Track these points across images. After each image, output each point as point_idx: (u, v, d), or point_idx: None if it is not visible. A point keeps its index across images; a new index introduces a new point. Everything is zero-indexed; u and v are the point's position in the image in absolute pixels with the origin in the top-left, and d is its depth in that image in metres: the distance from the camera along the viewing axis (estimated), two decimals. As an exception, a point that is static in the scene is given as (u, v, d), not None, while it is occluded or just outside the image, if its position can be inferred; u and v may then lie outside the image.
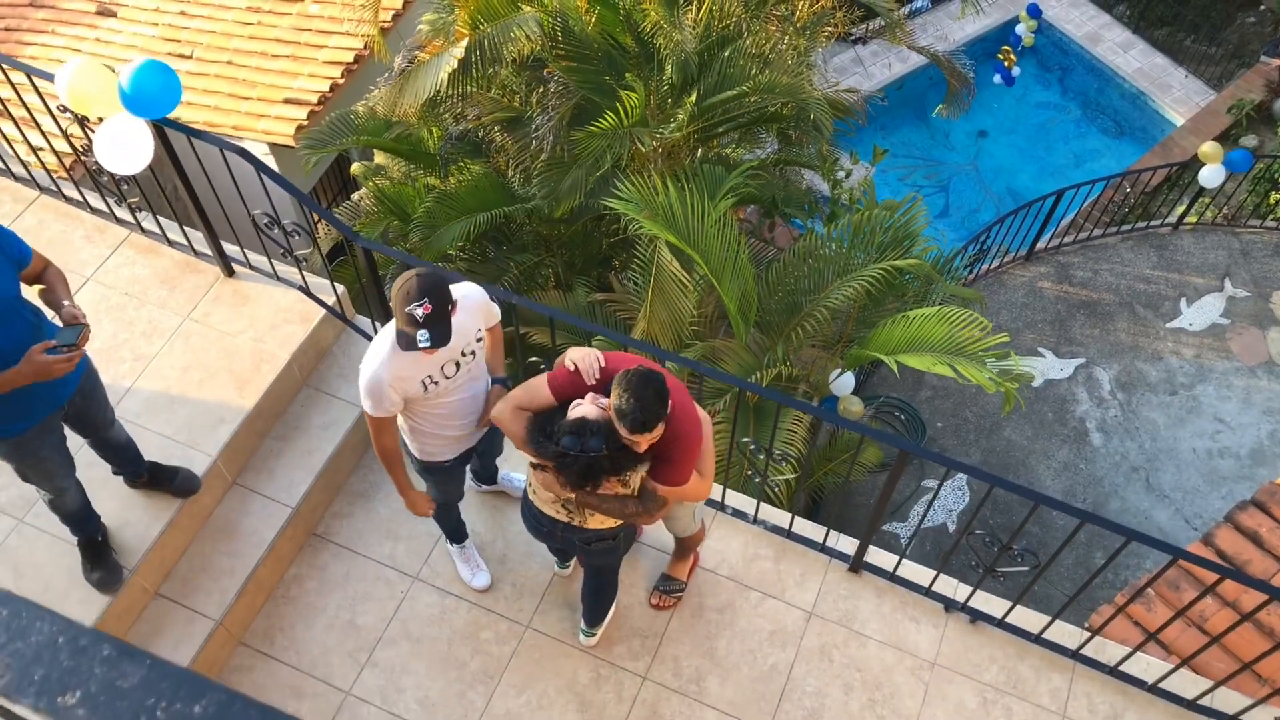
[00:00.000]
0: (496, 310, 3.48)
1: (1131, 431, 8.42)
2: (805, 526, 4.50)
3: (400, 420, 3.54)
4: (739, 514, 4.54)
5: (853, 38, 13.03)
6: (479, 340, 3.40)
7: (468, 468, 4.03)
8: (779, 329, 6.32)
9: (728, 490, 4.54)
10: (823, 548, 4.45)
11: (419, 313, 2.96)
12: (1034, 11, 12.32)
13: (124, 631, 3.91)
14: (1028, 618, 4.29)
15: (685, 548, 4.19)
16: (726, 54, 6.55)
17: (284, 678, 4.10)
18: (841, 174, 8.36)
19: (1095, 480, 8.22)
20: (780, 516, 4.55)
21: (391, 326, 3.18)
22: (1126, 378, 8.71)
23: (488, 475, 4.45)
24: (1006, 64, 12.21)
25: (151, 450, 4.09)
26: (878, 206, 6.75)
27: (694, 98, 6.44)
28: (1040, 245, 9.54)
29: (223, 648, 4.07)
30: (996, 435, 8.49)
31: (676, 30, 6.41)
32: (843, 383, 6.89)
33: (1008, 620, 4.23)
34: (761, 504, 4.52)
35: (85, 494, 3.77)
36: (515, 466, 4.54)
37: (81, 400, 3.55)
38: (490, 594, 4.32)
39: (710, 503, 4.55)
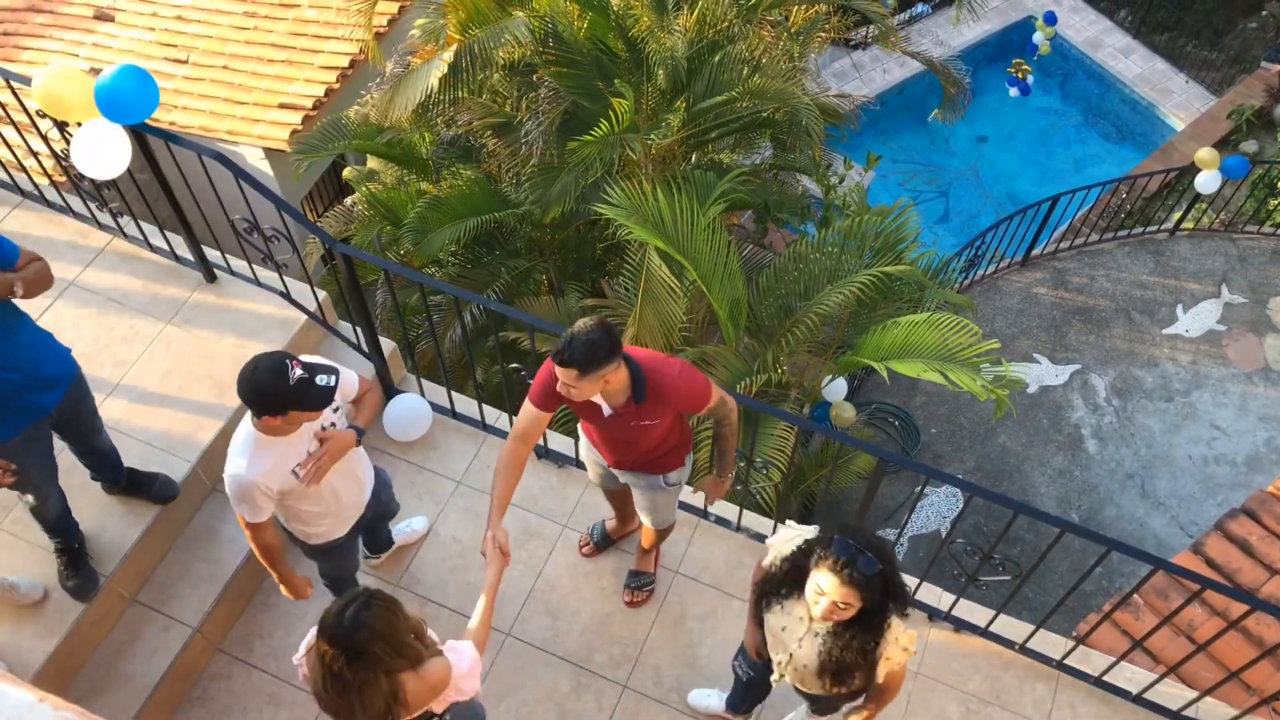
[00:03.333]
0: (354, 380, 3.25)
1: (1127, 438, 8.38)
2: (789, 534, 4.47)
3: (280, 512, 3.31)
4: (722, 521, 4.52)
5: (851, 43, 13.02)
6: (335, 410, 3.21)
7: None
8: (770, 334, 6.30)
9: (710, 497, 4.51)
10: (806, 556, 4.41)
11: (297, 372, 2.83)
12: (1050, 19, 12.27)
13: (100, 639, 3.89)
14: (1012, 627, 4.25)
15: (657, 538, 4.14)
16: (717, 59, 6.53)
17: (262, 685, 4.08)
18: (835, 179, 8.34)
19: (1090, 487, 8.17)
20: (764, 524, 4.52)
21: (244, 429, 3.03)
22: (1122, 384, 8.67)
23: (384, 540, 4.20)
24: (1019, 75, 12.14)
25: (131, 456, 4.07)
26: (869, 212, 6.73)
27: (685, 103, 6.43)
28: (1036, 251, 9.51)
29: (200, 654, 4.05)
30: (991, 442, 8.45)
31: (667, 35, 6.40)
32: (835, 388, 6.86)
33: (992, 629, 4.20)
34: (745, 511, 4.49)
35: (66, 501, 3.76)
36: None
37: (70, 407, 3.54)
38: (470, 601, 4.28)
39: (692, 510, 4.52)
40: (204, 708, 4.03)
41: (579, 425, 3.75)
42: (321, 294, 4.56)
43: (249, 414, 2.98)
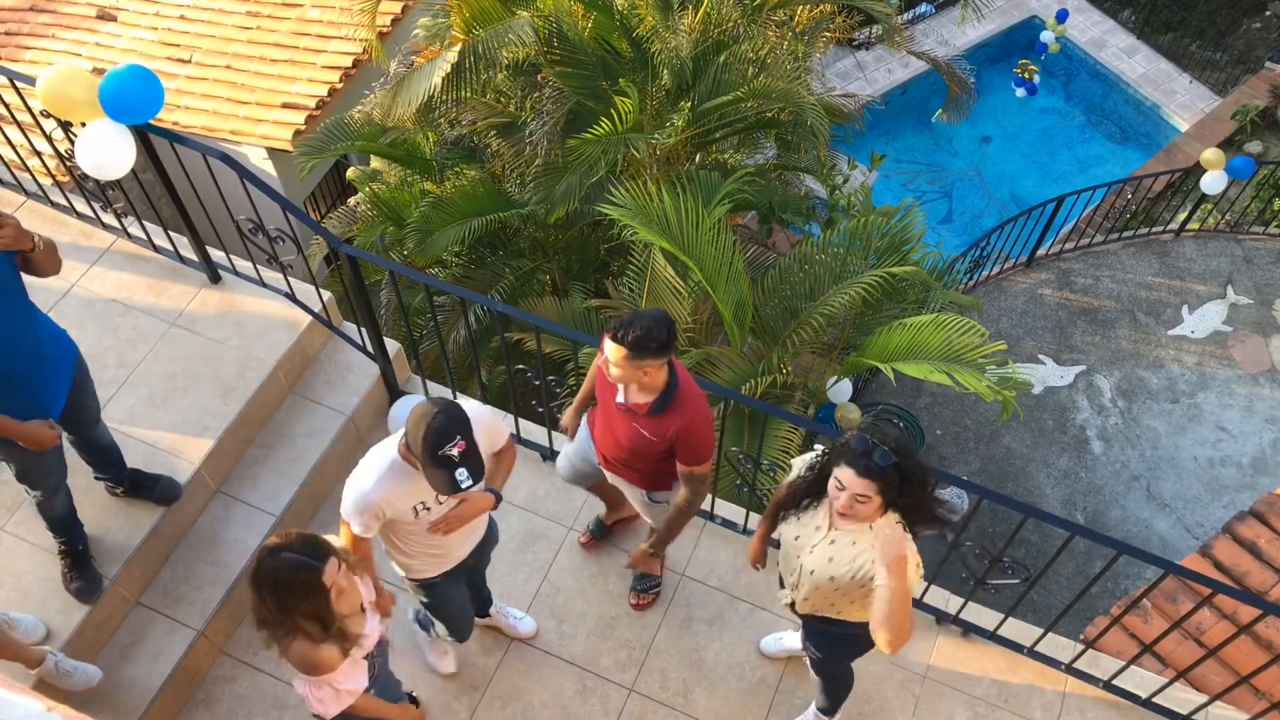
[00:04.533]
0: (505, 429, 3.22)
1: (1132, 439, 8.35)
2: (795, 537, 4.45)
3: (381, 535, 3.23)
4: (728, 524, 4.49)
5: (855, 43, 12.99)
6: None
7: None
8: (775, 335, 6.27)
9: (717, 500, 4.50)
10: (813, 558, 4.39)
11: (454, 452, 2.71)
12: (1062, 16, 12.24)
13: (104, 642, 3.87)
14: (1021, 630, 4.23)
15: (668, 541, 4.11)
16: (722, 59, 6.51)
17: (266, 688, 4.06)
18: (839, 179, 8.32)
19: (1096, 489, 8.15)
20: (770, 526, 4.50)
21: (387, 446, 2.97)
22: (1127, 385, 8.64)
23: (478, 603, 4.02)
24: (1025, 75, 12.12)
25: (135, 457, 4.06)
26: (874, 212, 6.70)
27: (689, 103, 6.41)
28: (1041, 252, 9.48)
29: (205, 657, 4.03)
30: (996, 443, 8.43)
31: (672, 35, 6.38)
32: (840, 389, 6.84)
33: (1000, 633, 4.17)
34: (751, 514, 4.47)
35: (71, 499, 3.75)
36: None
37: (76, 391, 3.53)
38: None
39: (699, 512, 4.50)
40: (208, 711, 4.01)
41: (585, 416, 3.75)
42: (326, 294, 4.54)
43: (400, 433, 2.91)
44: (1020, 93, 12.30)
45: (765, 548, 3.58)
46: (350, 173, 8.16)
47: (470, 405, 2.99)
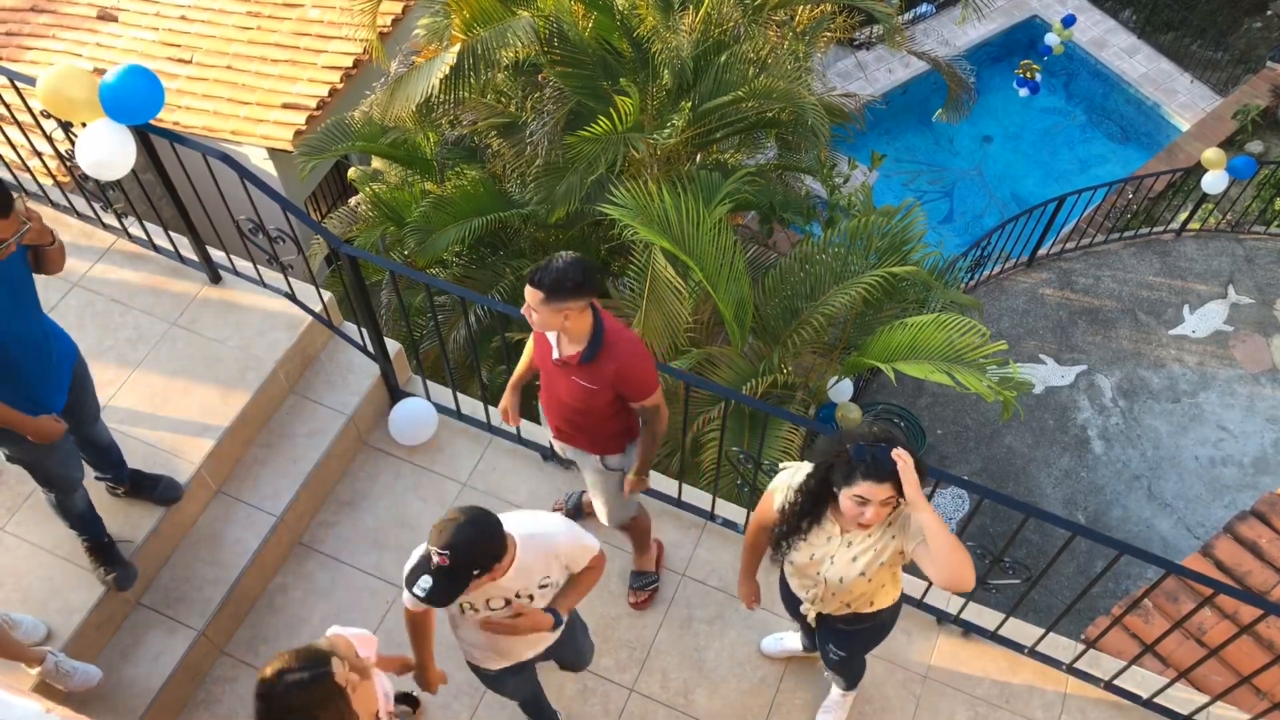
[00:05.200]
0: (591, 546, 2.99)
1: (1133, 439, 8.34)
2: (796, 537, 4.44)
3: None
4: (729, 524, 4.49)
5: (855, 43, 12.99)
6: (542, 587, 2.93)
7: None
8: (776, 335, 6.27)
9: (718, 500, 4.49)
10: (814, 558, 4.38)
11: (434, 559, 2.59)
12: (1069, 21, 12.23)
13: (105, 642, 3.87)
14: (1022, 630, 4.22)
15: (635, 537, 4.16)
16: (723, 59, 6.51)
17: (267, 688, 4.05)
18: (840, 179, 8.31)
19: (1097, 488, 8.14)
20: (771, 526, 4.49)
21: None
22: (1128, 385, 8.64)
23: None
24: (1028, 75, 12.11)
25: (136, 458, 4.05)
26: (875, 212, 6.70)
27: (690, 103, 6.40)
28: (1042, 251, 9.48)
29: (205, 658, 4.03)
30: (997, 443, 8.42)
31: (673, 35, 6.37)
32: (841, 389, 6.83)
33: (1001, 633, 4.17)
34: (751, 514, 4.46)
35: (89, 496, 3.75)
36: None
37: (76, 388, 3.54)
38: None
39: (699, 513, 4.50)
40: (209, 711, 4.01)
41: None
42: (327, 294, 4.54)
43: None
44: (1023, 93, 12.29)
45: (756, 585, 3.54)
46: (351, 173, 8.16)
47: (549, 524, 2.87)
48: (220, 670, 4.08)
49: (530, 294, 3.08)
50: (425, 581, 2.61)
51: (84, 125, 3.78)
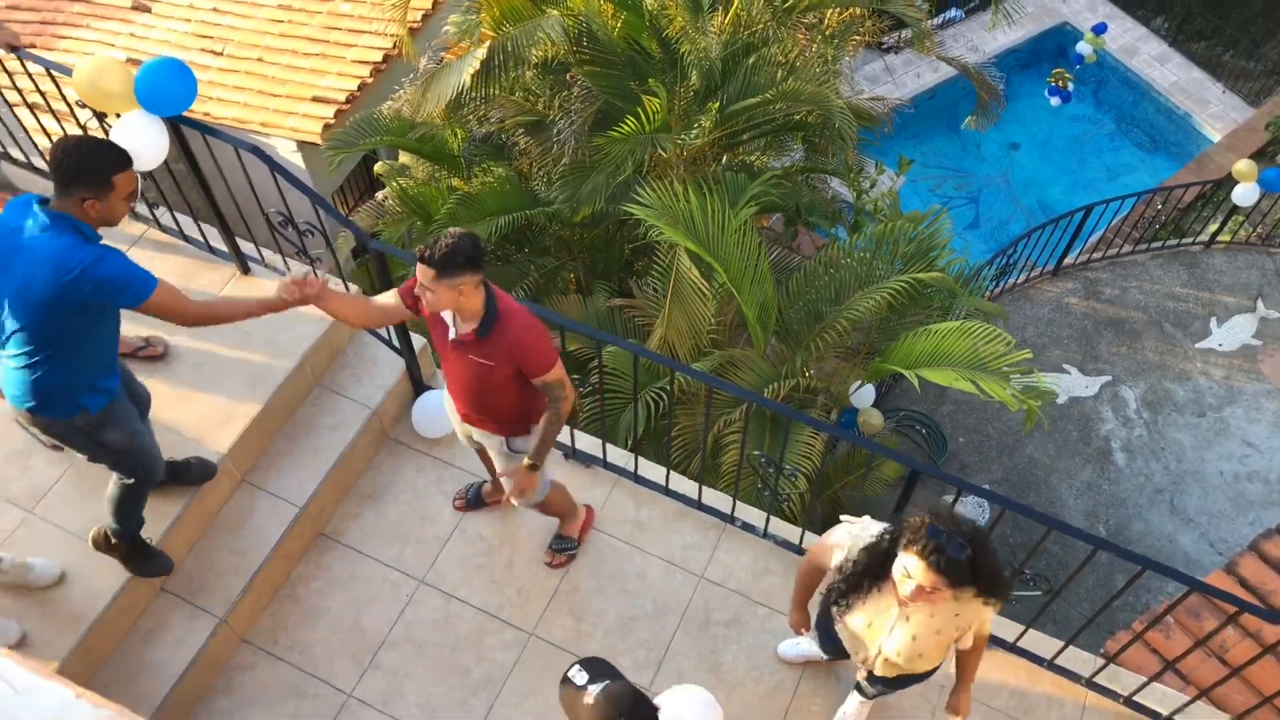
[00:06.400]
0: None
1: (1157, 452, 8.27)
2: (816, 542, 4.43)
3: None
4: (748, 527, 4.49)
5: (884, 46, 12.93)
6: None
7: None
8: (799, 339, 6.26)
9: (738, 503, 4.49)
10: (833, 564, 4.37)
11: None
12: (1100, 29, 12.13)
13: (128, 626, 3.91)
14: (1041, 642, 4.20)
15: (553, 514, 4.20)
16: (751, 61, 6.51)
17: (286, 677, 4.09)
18: (867, 183, 8.28)
19: (1119, 501, 8.08)
20: (791, 531, 4.49)
21: None
22: (1153, 397, 8.56)
23: None
24: (1060, 84, 12.03)
25: (164, 446, 4.04)
26: (902, 217, 6.67)
27: (718, 105, 6.40)
28: (1068, 260, 9.40)
29: (226, 645, 4.06)
30: (1019, 452, 8.37)
31: (701, 36, 6.37)
32: (863, 395, 6.81)
33: (1020, 644, 4.15)
34: (772, 518, 4.46)
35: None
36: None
37: (127, 375, 3.64)
38: (495, 599, 4.29)
39: (719, 515, 4.50)
40: (228, 698, 4.04)
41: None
42: (354, 288, 4.56)
43: None
44: (1055, 101, 12.20)
45: (807, 614, 3.49)
46: (378, 167, 8.20)
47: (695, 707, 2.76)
48: (241, 658, 4.11)
49: (422, 272, 3.09)
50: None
51: (118, 115, 3.82)
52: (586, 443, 4.68)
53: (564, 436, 4.62)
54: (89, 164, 2.94)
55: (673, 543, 4.47)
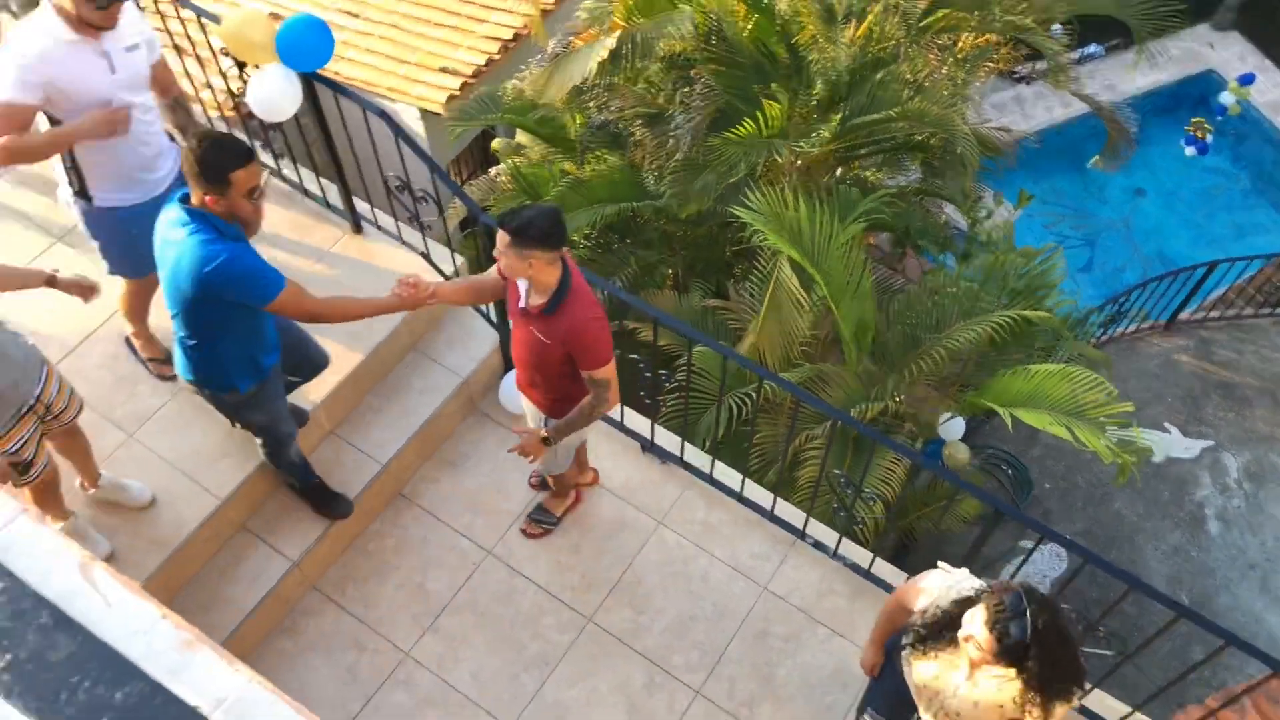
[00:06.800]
0: None
1: (1254, 526, 7.91)
2: (886, 569, 4.36)
3: None
4: (819, 545, 4.44)
5: (1016, 76, 12.63)
6: None
7: None
8: (893, 362, 6.17)
9: (810, 520, 4.44)
10: (900, 593, 4.30)
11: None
12: (1247, 80, 11.64)
13: (205, 559, 4.06)
14: (1106, 703, 4.06)
15: (558, 484, 4.28)
16: (879, 76, 6.42)
17: (348, 628, 4.19)
18: (983, 212, 8.10)
19: (1206, 570, 7.75)
20: (862, 555, 4.42)
21: None
22: (1257, 468, 8.18)
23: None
24: (1198, 134, 11.57)
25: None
26: (1015, 251, 6.52)
27: (839, 116, 6.33)
28: (1184, 315, 9.05)
29: (296, 588, 4.18)
30: (1106, 506, 8.09)
31: (832, 46, 6.31)
32: (952, 427, 6.66)
33: (1085, 704, 4.01)
34: (844, 540, 4.41)
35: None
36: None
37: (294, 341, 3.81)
38: (558, 581, 4.33)
39: (789, 529, 4.46)
40: (290, 640, 4.16)
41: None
42: (460, 258, 4.64)
43: None
44: (1190, 151, 11.74)
45: (883, 655, 3.33)
46: (495, 143, 8.32)
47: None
48: (308, 603, 4.23)
49: (499, 236, 3.15)
50: None
51: (257, 67, 3.96)
52: (665, 439, 4.69)
53: (644, 429, 4.64)
54: (206, 160, 2.99)
55: (740, 550, 4.45)
